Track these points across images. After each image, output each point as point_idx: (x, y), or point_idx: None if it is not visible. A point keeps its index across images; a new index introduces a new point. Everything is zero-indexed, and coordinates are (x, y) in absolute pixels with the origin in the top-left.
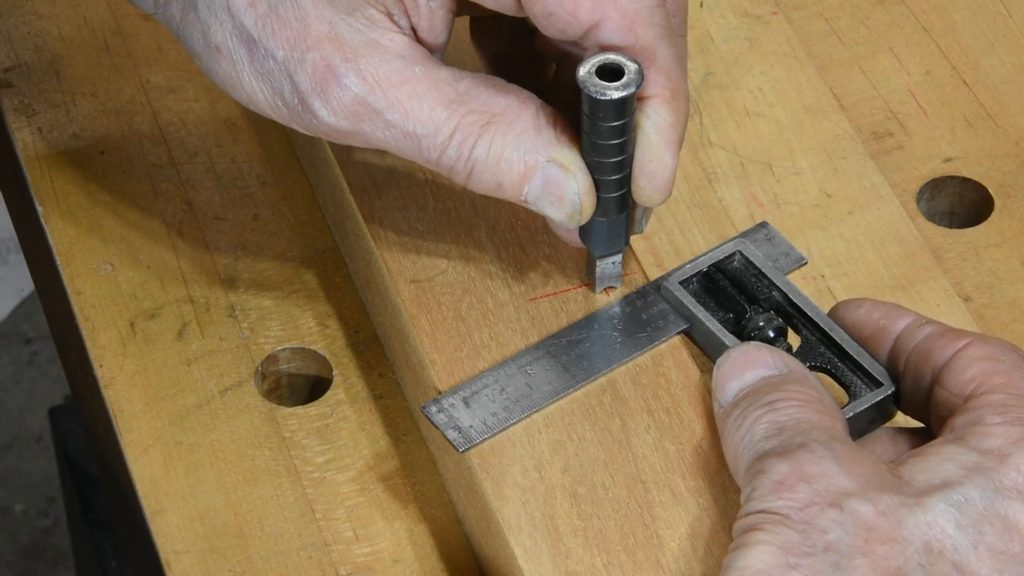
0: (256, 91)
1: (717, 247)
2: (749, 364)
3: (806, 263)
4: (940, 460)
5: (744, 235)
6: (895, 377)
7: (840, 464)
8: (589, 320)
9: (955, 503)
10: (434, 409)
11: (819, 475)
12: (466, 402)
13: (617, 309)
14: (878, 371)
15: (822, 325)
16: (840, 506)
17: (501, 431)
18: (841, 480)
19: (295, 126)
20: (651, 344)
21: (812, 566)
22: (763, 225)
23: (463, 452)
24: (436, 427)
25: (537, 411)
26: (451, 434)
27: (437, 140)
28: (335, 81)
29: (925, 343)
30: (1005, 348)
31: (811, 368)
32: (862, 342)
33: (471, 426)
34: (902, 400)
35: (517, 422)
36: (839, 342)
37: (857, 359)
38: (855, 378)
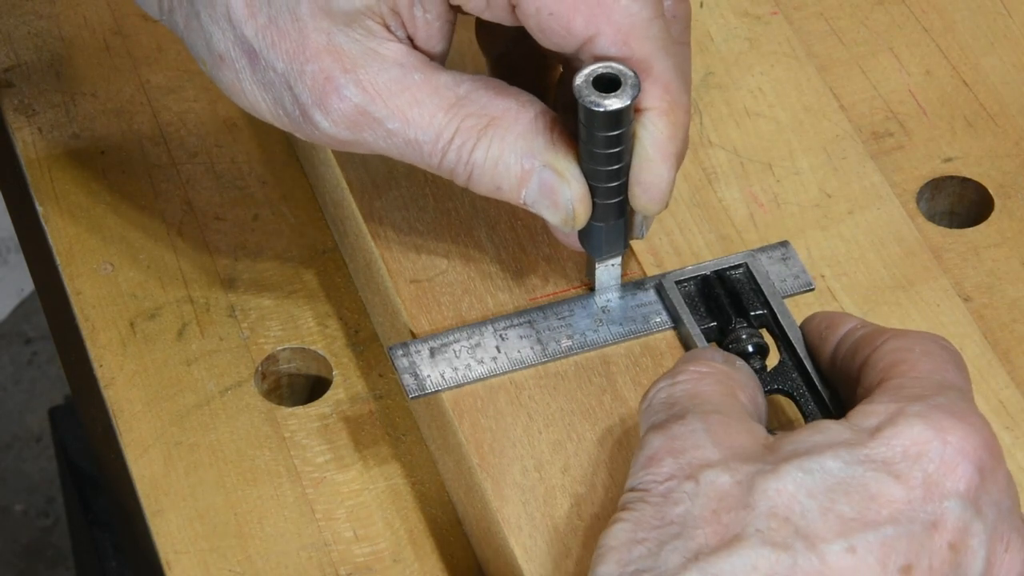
0: (258, 100)
1: (728, 256)
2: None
3: (812, 289)
4: (812, 433)
5: (761, 249)
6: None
7: (711, 435)
8: (579, 300)
9: (809, 470)
10: (400, 352)
11: (686, 448)
12: (432, 352)
13: (610, 296)
14: (836, 405)
15: (799, 351)
16: (697, 478)
17: (456, 387)
18: (706, 452)
19: (297, 135)
20: (632, 335)
21: (656, 539)
22: (784, 244)
23: (412, 399)
24: (395, 370)
25: (495, 377)
26: (407, 379)
27: (438, 145)
28: (335, 92)
29: (853, 345)
30: (920, 339)
31: (777, 391)
32: (810, 351)
33: (428, 376)
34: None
35: (474, 383)
36: (808, 371)
37: (820, 391)
38: (815, 408)
